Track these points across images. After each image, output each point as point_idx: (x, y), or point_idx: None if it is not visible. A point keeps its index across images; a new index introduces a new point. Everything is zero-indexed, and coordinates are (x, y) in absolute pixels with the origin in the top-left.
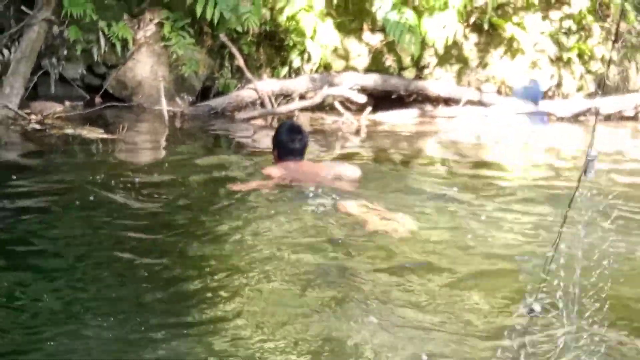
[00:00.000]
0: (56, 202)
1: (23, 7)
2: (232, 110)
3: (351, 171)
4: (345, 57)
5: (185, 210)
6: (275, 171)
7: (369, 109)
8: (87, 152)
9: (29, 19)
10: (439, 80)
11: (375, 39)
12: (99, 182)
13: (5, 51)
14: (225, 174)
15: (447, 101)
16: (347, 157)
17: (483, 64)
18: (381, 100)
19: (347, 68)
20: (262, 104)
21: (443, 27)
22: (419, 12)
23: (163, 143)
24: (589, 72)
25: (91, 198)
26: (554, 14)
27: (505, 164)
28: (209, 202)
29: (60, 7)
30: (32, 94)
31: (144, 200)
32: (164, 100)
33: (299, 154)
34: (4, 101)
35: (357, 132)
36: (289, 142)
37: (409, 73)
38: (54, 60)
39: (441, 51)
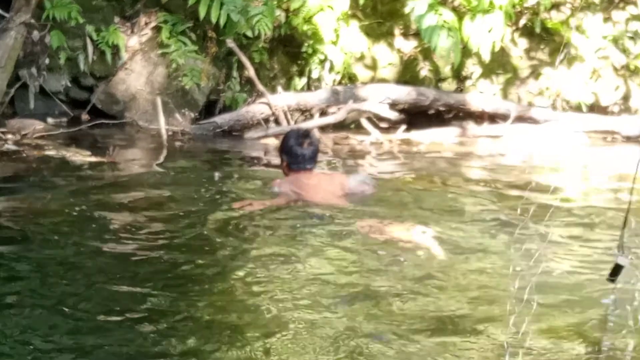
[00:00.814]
0: (30, 233)
1: None
2: (241, 129)
3: (365, 185)
4: (373, 67)
5: (187, 244)
6: (286, 187)
7: (403, 127)
8: (71, 177)
9: (5, 23)
10: (483, 94)
11: (409, 45)
12: (84, 212)
13: None
14: (232, 198)
15: (493, 118)
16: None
17: (535, 74)
18: (415, 116)
19: (376, 79)
20: (277, 121)
21: (488, 31)
22: (459, 14)
23: (160, 167)
24: None
25: (72, 228)
26: (618, 15)
27: (561, 188)
28: (213, 230)
29: (41, 9)
30: (8, 110)
31: (136, 239)
32: (161, 117)
33: (309, 161)
34: None
35: (388, 154)
36: (297, 147)
37: (448, 85)
38: (33, 70)
39: (486, 59)
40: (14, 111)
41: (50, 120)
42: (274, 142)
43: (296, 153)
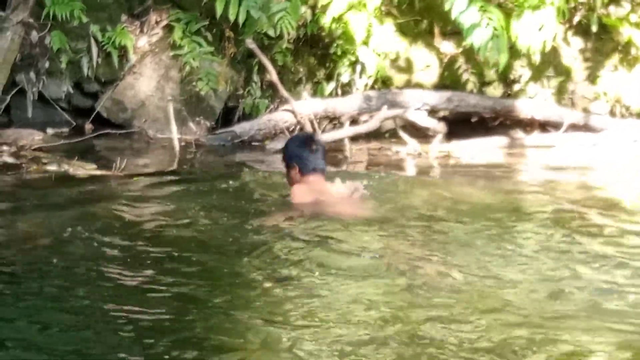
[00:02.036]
0: (26, 258)
1: None
2: (263, 139)
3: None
4: (410, 69)
5: (200, 270)
6: (306, 197)
7: (440, 136)
8: (72, 193)
9: (0, 23)
10: (533, 99)
11: (449, 46)
12: (86, 232)
13: None
14: (252, 215)
15: (544, 126)
16: (416, 198)
17: (591, 77)
18: (457, 125)
19: (412, 83)
20: (302, 131)
21: (538, 29)
22: (506, 11)
23: (172, 182)
24: None
25: (74, 251)
26: None
27: (622, 204)
28: (233, 253)
29: (41, 7)
30: (4, 119)
31: (143, 262)
32: (174, 126)
33: (322, 165)
34: None
35: (427, 166)
36: (308, 152)
37: (494, 89)
38: (32, 75)
39: (536, 61)
40: (10, 120)
41: (50, 130)
42: None
43: (309, 159)
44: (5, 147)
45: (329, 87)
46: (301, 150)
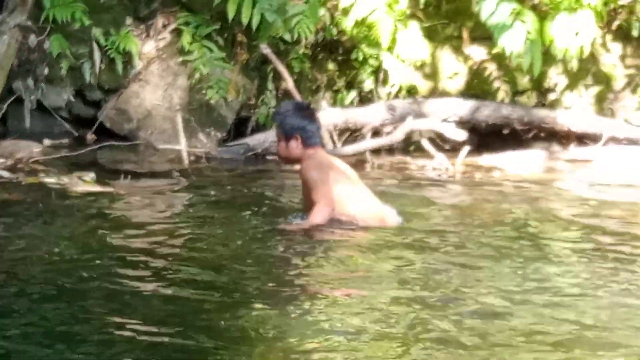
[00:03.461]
0: (17, 281)
1: None
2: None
3: None
4: (436, 77)
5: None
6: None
7: (467, 148)
8: (71, 210)
9: None
10: (569, 109)
11: (479, 52)
12: (84, 255)
13: None
14: (268, 235)
15: (582, 138)
16: (443, 214)
17: (632, 86)
18: (488, 137)
19: (439, 92)
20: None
21: (575, 34)
22: (541, 14)
23: (181, 199)
24: None
25: (69, 275)
26: None
27: None
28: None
29: (40, 9)
30: (0, 130)
31: (148, 289)
32: (182, 138)
33: (322, 141)
34: None
35: (455, 181)
36: (311, 122)
37: (527, 99)
38: (30, 82)
39: (573, 68)
40: (6, 131)
41: (49, 141)
42: None
43: (311, 128)
44: (1, 160)
45: (350, 96)
46: (304, 120)
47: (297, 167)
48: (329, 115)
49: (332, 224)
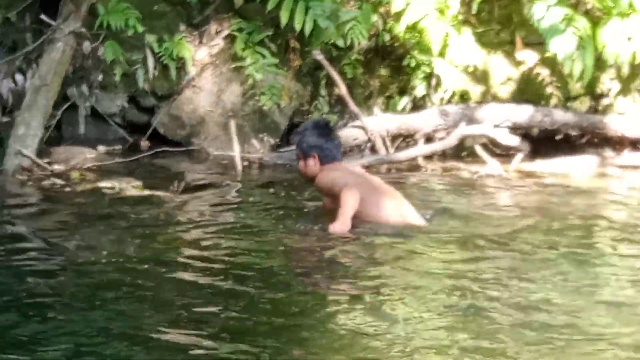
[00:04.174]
0: (74, 287)
1: (43, 16)
2: None
3: None
4: (489, 82)
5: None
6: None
7: (520, 154)
8: (126, 216)
9: (51, 33)
10: (623, 115)
11: (532, 57)
12: (139, 262)
13: (19, 77)
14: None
15: (636, 143)
16: (497, 220)
17: None
18: (541, 142)
19: (491, 97)
20: (373, 149)
21: (628, 39)
22: (593, 19)
23: (233, 203)
24: None
25: (124, 280)
26: None
27: None
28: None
29: (94, 16)
30: (55, 136)
31: (202, 295)
32: (236, 144)
33: (339, 157)
34: (18, 146)
35: (508, 187)
36: (328, 141)
37: (580, 104)
38: (84, 88)
39: (625, 73)
40: (61, 137)
41: (103, 147)
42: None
43: (328, 146)
44: (55, 166)
45: (402, 101)
46: (321, 139)
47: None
48: (381, 121)
49: (359, 227)
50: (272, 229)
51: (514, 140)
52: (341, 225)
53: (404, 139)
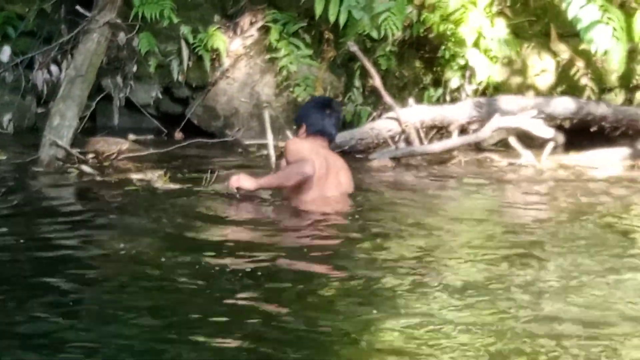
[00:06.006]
0: (107, 279)
1: (78, 7)
2: (365, 149)
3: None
4: (524, 74)
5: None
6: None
7: (551, 145)
8: (159, 208)
9: (86, 24)
10: None
11: (567, 49)
12: (172, 256)
13: (54, 68)
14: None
15: None
16: (529, 212)
17: None
18: (575, 134)
19: (526, 89)
20: (407, 140)
21: None
22: (628, 11)
23: (267, 198)
24: None
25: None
26: None
27: None
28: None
29: (129, 7)
30: (89, 126)
31: (237, 292)
32: (270, 135)
33: (331, 131)
34: (52, 136)
35: (542, 179)
36: (320, 114)
37: (615, 96)
38: (118, 79)
39: None
40: (95, 127)
41: (133, 136)
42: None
43: (317, 118)
44: (89, 156)
45: (436, 93)
46: (314, 110)
47: None
48: (415, 113)
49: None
50: (302, 220)
51: (549, 132)
52: (255, 182)
53: (438, 130)
